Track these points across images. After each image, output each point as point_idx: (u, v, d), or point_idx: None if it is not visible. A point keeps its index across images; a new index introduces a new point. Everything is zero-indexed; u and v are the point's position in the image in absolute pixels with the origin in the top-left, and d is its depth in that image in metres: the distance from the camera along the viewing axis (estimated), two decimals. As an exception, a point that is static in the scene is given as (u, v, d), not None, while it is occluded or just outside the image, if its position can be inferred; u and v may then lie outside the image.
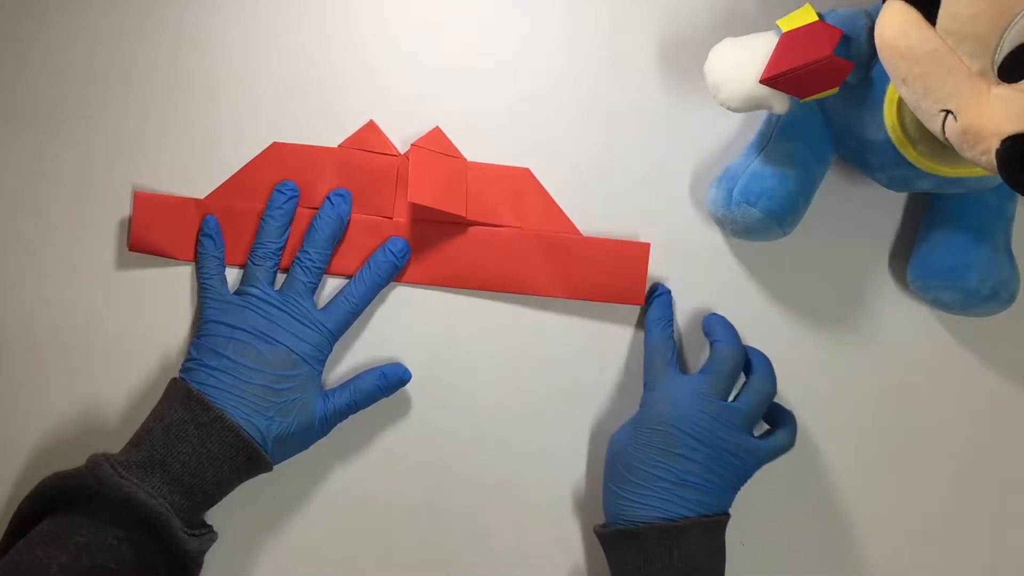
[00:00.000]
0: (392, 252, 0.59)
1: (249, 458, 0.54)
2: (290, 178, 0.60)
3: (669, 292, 0.60)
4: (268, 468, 0.56)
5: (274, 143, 0.60)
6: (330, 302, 0.58)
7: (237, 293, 0.57)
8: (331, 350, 0.58)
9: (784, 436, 0.57)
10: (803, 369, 0.62)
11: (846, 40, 0.51)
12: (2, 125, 0.60)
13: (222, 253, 0.58)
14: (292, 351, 0.55)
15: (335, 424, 0.57)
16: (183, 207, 0.59)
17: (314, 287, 0.58)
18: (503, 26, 0.62)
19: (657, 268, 0.61)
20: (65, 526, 0.51)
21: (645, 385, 0.57)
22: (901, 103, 0.52)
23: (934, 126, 0.46)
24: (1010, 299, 0.57)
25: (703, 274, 0.62)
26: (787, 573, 0.61)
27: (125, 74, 0.60)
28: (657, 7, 0.62)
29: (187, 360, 0.56)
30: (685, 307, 0.62)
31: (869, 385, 0.62)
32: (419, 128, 0.61)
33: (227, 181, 0.60)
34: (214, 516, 0.57)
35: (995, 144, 0.43)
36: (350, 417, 0.59)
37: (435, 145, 0.61)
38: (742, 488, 0.55)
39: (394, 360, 0.60)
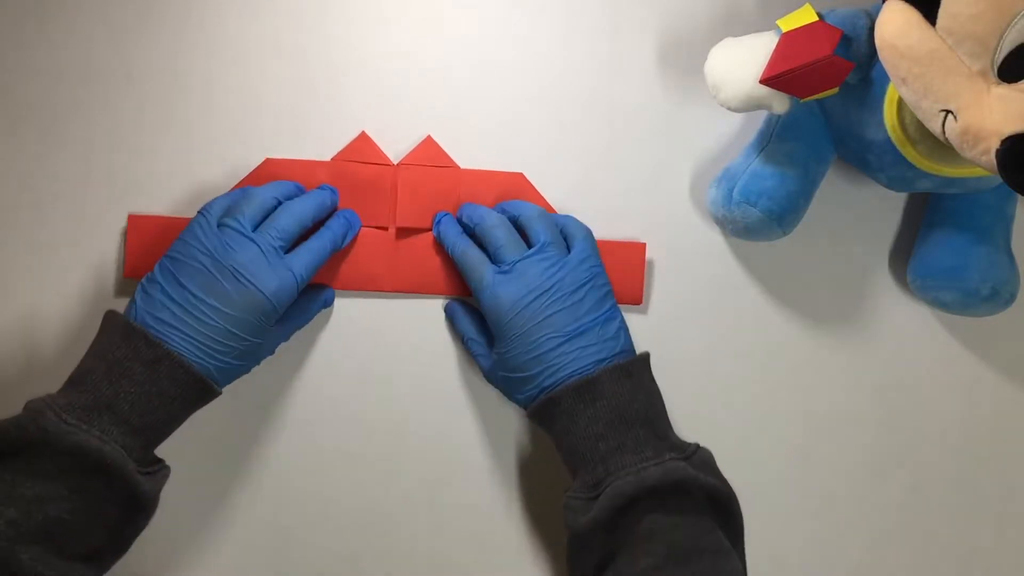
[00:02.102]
0: (346, 217, 0.59)
1: (201, 392, 0.52)
2: None
3: (448, 214, 0.60)
4: (217, 395, 0.54)
5: (267, 159, 0.60)
6: (295, 251, 0.56)
7: (218, 225, 0.54)
8: (294, 297, 0.55)
9: (574, 228, 0.57)
10: (803, 369, 0.62)
11: (846, 40, 0.51)
12: (1, 126, 0.60)
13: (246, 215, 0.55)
14: (259, 292, 0.52)
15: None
16: (177, 228, 0.58)
17: (283, 246, 0.55)
18: (503, 26, 0.62)
19: (657, 268, 0.61)
20: (8, 481, 0.47)
21: (475, 293, 0.56)
22: (901, 103, 0.52)
23: (934, 126, 0.46)
24: (1010, 299, 0.57)
25: (703, 274, 0.62)
26: (787, 573, 0.61)
27: (126, 75, 0.60)
28: (657, 7, 0.63)
29: (147, 281, 0.53)
30: (685, 307, 0.62)
31: (869, 385, 0.62)
32: (418, 129, 0.61)
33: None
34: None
35: (995, 144, 0.43)
36: (349, 418, 0.59)
37: (426, 157, 0.61)
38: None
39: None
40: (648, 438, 0.52)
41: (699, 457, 0.52)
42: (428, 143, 0.61)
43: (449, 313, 0.60)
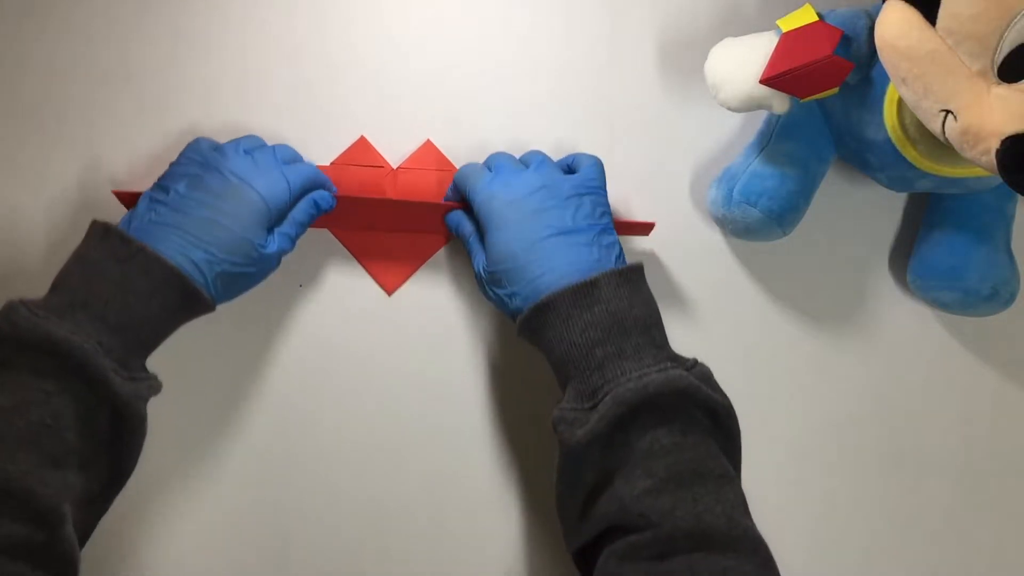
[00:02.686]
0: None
1: (183, 294, 0.50)
2: None
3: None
4: (209, 307, 0.52)
5: None
6: (294, 164, 0.56)
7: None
8: (287, 202, 0.54)
9: (585, 157, 0.56)
10: (803, 369, 0.62)
11: (846, 40, 0.51)
12: (1, 125, 0.60)
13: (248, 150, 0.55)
14: (246, 184, 0.52)
15: (280, 260, 0.55)
16: None
17: (277, 161, 0.55)
18: (503, 27, 0.62)
19: (657, 267, 0.61)
20: None
21: (471, 196, 0.55)
22: (901, 103, 0.52)
23: (934, 126, 0.46)
24: (1010, 299, 0.57)
25: (703, 274, 0.62)
26: (787, 573, 0.61)
27: (126, 75, 0.60)
28: (657, 7, 0.63)
29: (139, 202, 0.52)
30: (685, 307, 0.62)
31: (869, 385, 0.62)
32: (417, 130, 0.61)
33: None
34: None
35: (995, 144, 0.43)
36: (350, 417, 0.59)
37: (425, 161, 0.61)
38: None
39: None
40: (647, 346, 0.49)
41: (699, 370, 0.50)
42: (427, 147, 0.61)
43: (452, 221, 0.58)
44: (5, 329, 0.46)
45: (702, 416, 0.48)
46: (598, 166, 0.56)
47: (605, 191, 0.55)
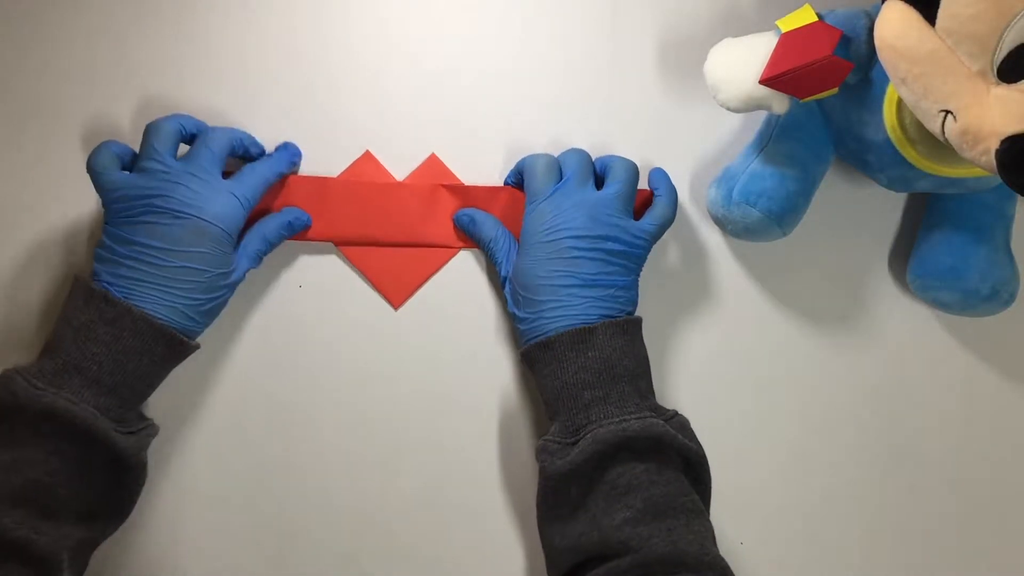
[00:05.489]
0: (288, 150, 0.59)
1: (169, 345, 0.52)
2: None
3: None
4: (194, 348, 0.55)
5: None
6: (236, 174, 0.56)
7: (135, 171, 0.54)
8: (243, 217, 0.55)
9: (660, 208, 0.57)
10: (803, 369, 0.62)
11: (846, 40, 0.51)
12: (1, 125, 0.60)
13: (123, 149, 0.55)
14: (202, 220, 0.53)
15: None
16: None
17: (220, 164, 0.55)
18: (501, 27, 0.62)
19: (657, 268, 0.61)
20: None
21: (528, 197, 0.57)
22: (901, 103, 0.52)
23: (934, 126, 0.46)
24: (1010, 299, 0.57)
25: (703, 274, 0.62)
26: (787, 573, 0.61)
27: (126, 78, 0.60)
28: (657, 7, 0.63)
29: (99, 248, 0.53)
30: (685, 307, 0.62)
31: (869, 385, 0.62)
32: (420, 135, 0.61)
33: None
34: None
35: (994, 144, 0.43)
36: (350, 417, 0.59)
37: (430, 175, 0.61)
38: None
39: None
40: (631, 395, 0.53)
41: (677, 421, 0.54)
42: (432, 161, 0.61)
43: (468, 217, 0.60)
44: (7, 401, 0.49)
45: (676, 458, 0.52)
46: (659, 225, 0.57)
47: (648, 247, 0.57)
